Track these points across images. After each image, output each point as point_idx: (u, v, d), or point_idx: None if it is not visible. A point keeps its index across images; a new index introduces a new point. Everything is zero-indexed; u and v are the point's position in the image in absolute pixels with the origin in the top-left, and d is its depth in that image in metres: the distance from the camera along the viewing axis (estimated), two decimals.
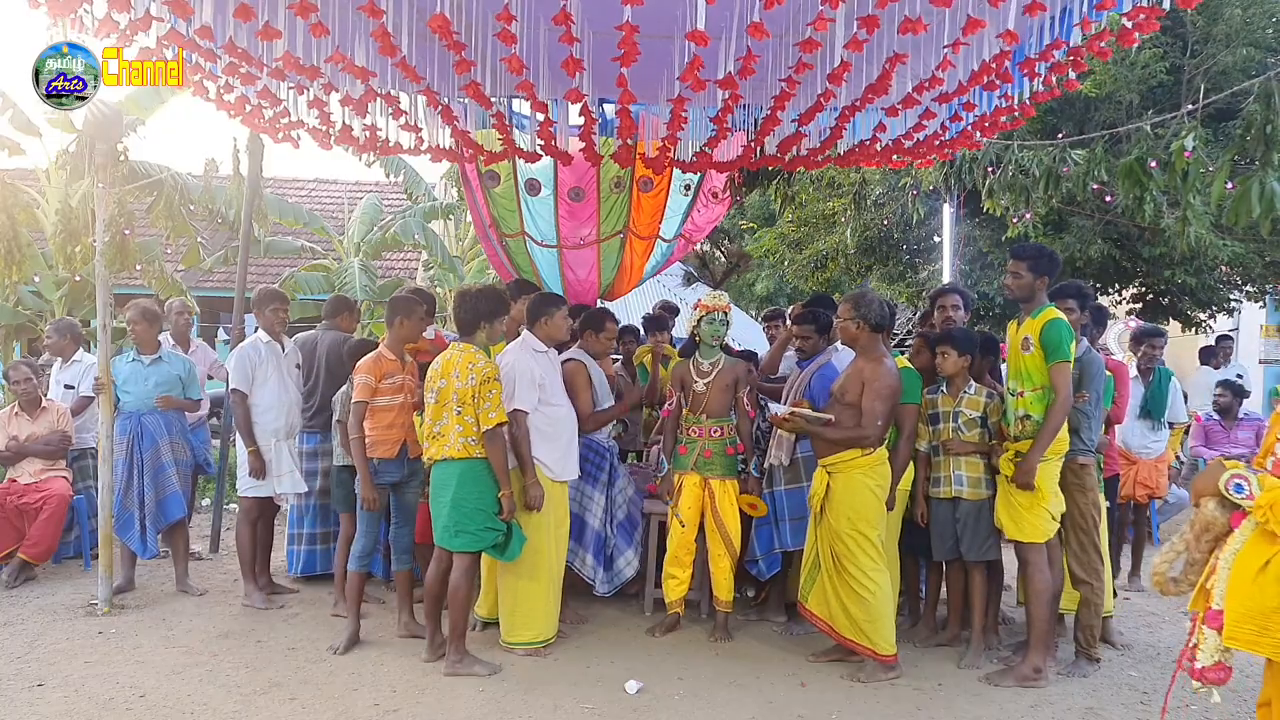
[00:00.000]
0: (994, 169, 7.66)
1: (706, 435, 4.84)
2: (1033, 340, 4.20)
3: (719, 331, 4.87)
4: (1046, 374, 4.17)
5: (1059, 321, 4.17)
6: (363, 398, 4.54)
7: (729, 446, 4.85)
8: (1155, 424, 6.17)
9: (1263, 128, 4.82)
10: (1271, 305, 14.43)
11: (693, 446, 4.84)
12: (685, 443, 4.87)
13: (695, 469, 4.83)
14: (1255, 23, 9.19)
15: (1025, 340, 4.24)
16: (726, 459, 4.84)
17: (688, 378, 4.89)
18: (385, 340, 4.75)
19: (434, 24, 3.59)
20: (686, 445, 4.86)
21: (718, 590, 4.86)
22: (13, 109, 9.54)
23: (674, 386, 4.97)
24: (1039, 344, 4.17)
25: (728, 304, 4.94)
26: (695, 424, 4.85)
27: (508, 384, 4.46)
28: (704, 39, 3.52)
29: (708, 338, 4.84)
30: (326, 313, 5.99)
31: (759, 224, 15.31)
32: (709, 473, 4.82)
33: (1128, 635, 4.99)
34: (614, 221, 7.17)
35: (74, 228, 9.99)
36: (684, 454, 4.86)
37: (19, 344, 11.62)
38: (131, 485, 5.51)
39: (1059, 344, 4.13)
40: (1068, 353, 4.15)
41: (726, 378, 4.82)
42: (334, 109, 5.18)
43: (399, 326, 4.72)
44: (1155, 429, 6.18)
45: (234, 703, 3.93)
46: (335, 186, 19.11)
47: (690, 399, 4.87)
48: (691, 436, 4.86)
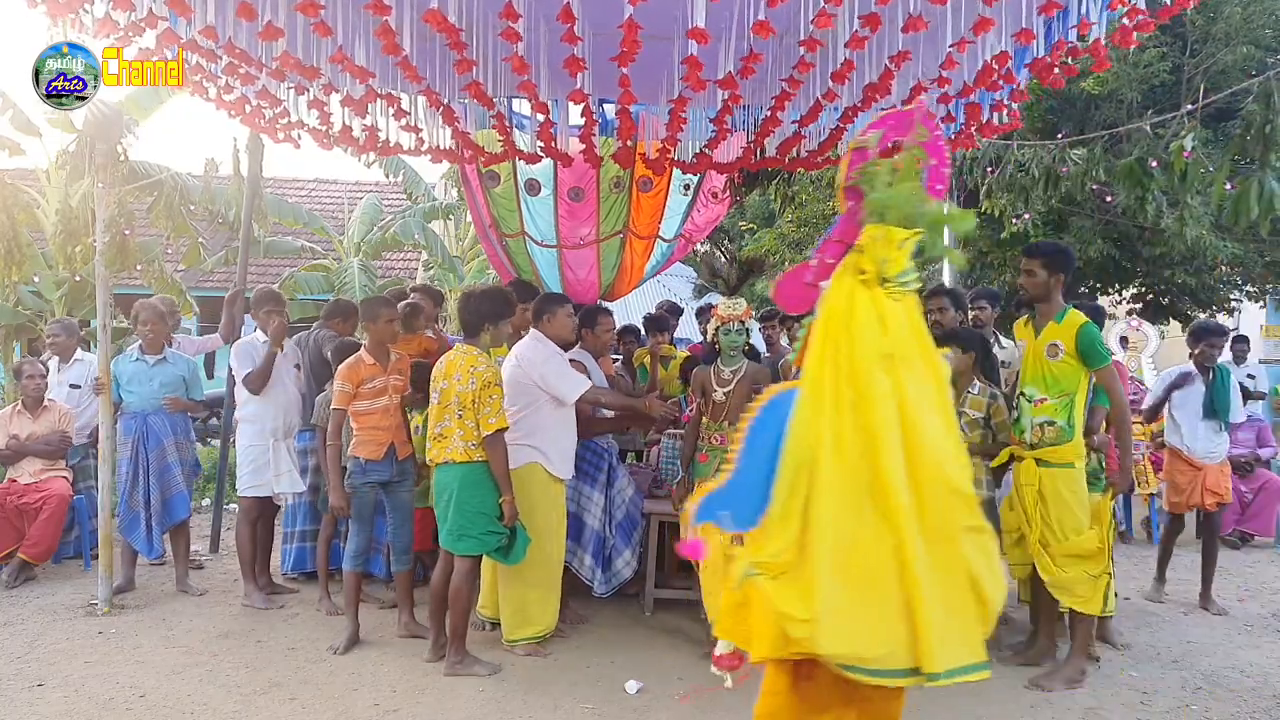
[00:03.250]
0: (993, 169, 7.66)
1: (729, 443, 4.73)
2: (1064, 347, 4.16)
3: (737, 341, 4.68)
4: (1076, 380, 4.17)
5: (1091, 326, 4.17)
6: (340, 405, 4.55)
7: None
8: (1221, 425, 5.78)
9: (1262, 127, 4.82)
10: (1271, 305, 14.42)
11: (715, 454, 4.62)
12: (706, 451, 4.69)
13: (716, 477, 4.72)
14: (1255, 21, 9.20)
15: (1053, 346, 4.19)
16: None
17: (709, 385, 4.73)
18: (365, 344, 4.78)
19: (430, 18, 3.58)
20: (708, 454, 4.67)
21: None
22: (13, 109, 9.53)
23: (694, 393, 4.82)
24: (1074, 351, 4.14)
25: (745, 310, 4.72)
26: (717, 431, 4.66)
27: (559, 381, 4.50)
28: (704, 37, 3.52)
29: (727, 348, 4.68)
30: (325, 314, 6.01)
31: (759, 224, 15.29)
32: None
33: (1127, 635, 4.99)
34: (614, 221, 7.18)
35: (74, 228, 9.99)
36: (705, 462, 4.66)
37: (19, 344, 11.61)
38: (137, 485, 5.51)
39: (1096, 348, 4.14)
40: (1108, 354, 4.20)
41: (747, 385, 4.62)
42: (334, 109, 5.19)
43: (370, 330, 4.76)
44: (1219, 430, 5.78)
45: (234, 703, 3.93)
46: (335, 186, 19.11)
47: (711, 407, 4.71)
48: (713, 445, 4.66)
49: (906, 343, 2.39)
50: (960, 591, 2.29)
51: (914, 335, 2.42)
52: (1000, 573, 2.42)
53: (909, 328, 2.41)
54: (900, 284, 2.42)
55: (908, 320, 2.42)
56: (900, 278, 2.41)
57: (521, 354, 4.63)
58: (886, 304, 2.40)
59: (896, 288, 2.41)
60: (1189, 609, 5.66)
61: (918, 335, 2.43)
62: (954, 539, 2.31)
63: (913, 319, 2.44)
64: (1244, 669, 4.57)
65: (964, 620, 2.29)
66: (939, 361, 2.45)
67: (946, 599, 2.25)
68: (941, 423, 2.37)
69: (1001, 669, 4.44)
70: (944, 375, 2.45)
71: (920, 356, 2.41)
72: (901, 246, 2.42)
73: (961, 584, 2.29)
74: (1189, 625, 5.33)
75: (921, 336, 2.44)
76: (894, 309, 2.40)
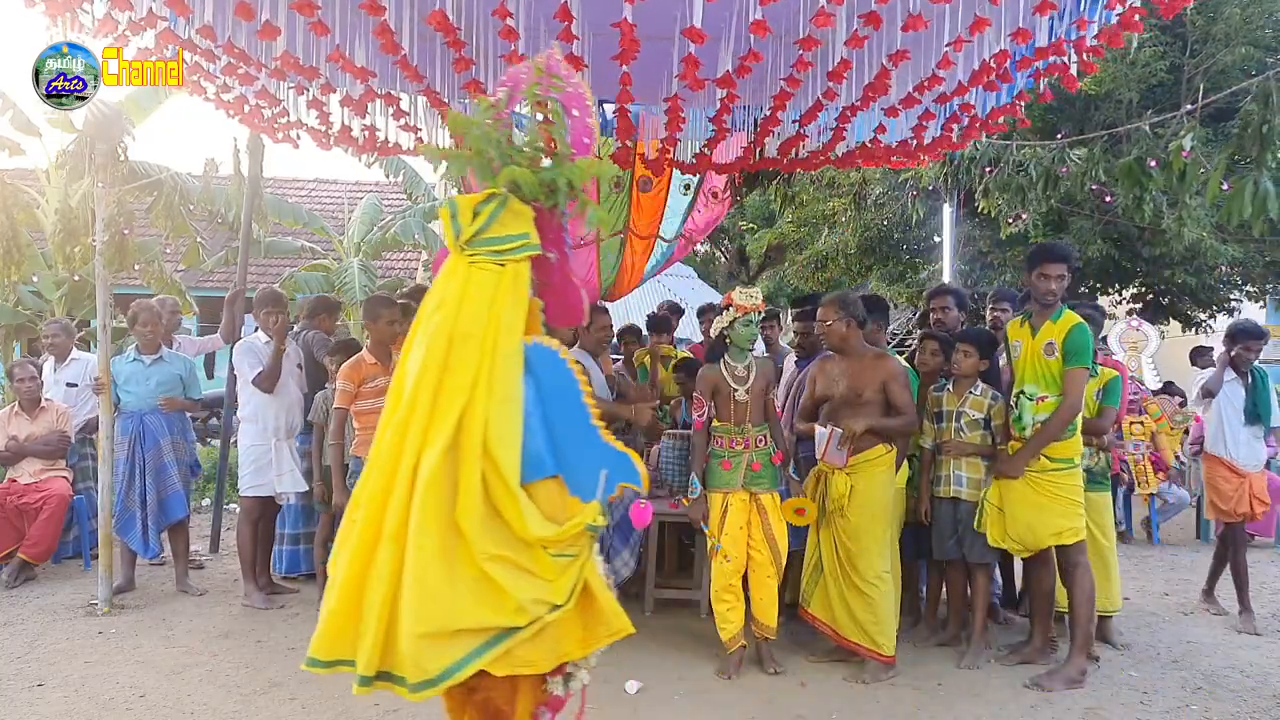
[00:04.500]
0: (992, 169, 7.66)
1: (752, 446, 4.32)
2: (1057, 345, 4.20)
3: (754, 334, 4.35)
4: None
5: (1084, 327, 4.21)
6: (342, 404, 4.56)
7: (772, 455, 4.37)
8: (1263, 430, 5.53)
9: (1259, 127, 4.82)
10: (1271, 305, 14.44)
11: (738, 461, 4.30)
12: (728, 457, 4.31)
13: (744, 486, 4.30)
14: (1254, 22, 9.21)
15: (1049, 345, 4.23)
16: (773, 469, 4.37)
17: (723, 386, 4.32)
18: (367, 344, 4.79)
19: (431, 19, 3.59)
20: (730, 460, 4.30)
21: (762, 614, 4.32)
22: (13, 109, 9.54)
23: (703, 395, 4.37)
24: (1062, 347, 4.18)
25: (763, 303, 4.41)
26: (738, 435, 4.31)
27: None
28: (701, 37, 3.52)
29: (743, 341, 4.31)
30: (307, 313, 6.01)
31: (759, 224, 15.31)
32: (758, 487, 4.30)
33: (1128, 635, 4.99)
34: (614, 221, 7.18)
35: (73, 228, 9.99)
36: (728, 470, 4.30)
37: (19, 344, 11.61)
38: (133, 485, 5.50)
39: (1083, 350, 4.17)
40: (1088, 360, 4.21)
41: (763, 381, 4.36)
42: (333, 109, 5.18)
43: (371, 330, 4.78)
44: (1258, 436, 5.52)
45: (234, 703, 3.93)
46: (335, 186, 19.10)
47: (729, 409, 4.32)
48: (735, 450, 4.31)
49: (474, 319, 2.22)
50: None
51: (492, 310, 2.24)
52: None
53: (485, 302, 2.23)
54: (493, 251, 2.26)
55: (492, 293, 2.24)
56: (481, 244, 2.26)
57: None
58: (470, 276, 2.24)
59: (485, 257, 2.26)
60: (1189, 609, 5.67)
61: (498, 310, 2.24)
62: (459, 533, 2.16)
63: (500, 291, 2.26)
64: (1244, 669, 4.57)
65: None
66: (513, 342, 2.26)
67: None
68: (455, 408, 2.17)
69: (1001, 669, 4.45)
70: (507, 356, 2.24)
71: (489, 333, 2.22)
72: (479, 211, 2.27)
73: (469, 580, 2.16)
74: (1189, 625, 5.33)
75: (504, 311, 2.25)
76: (478, 279, 2.24)
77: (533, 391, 2.28)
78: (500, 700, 2.32)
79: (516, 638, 2.15)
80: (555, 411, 2.31)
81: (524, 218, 2.32)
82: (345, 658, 2.16)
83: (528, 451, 2.23)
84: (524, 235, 2.30)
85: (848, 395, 4.33)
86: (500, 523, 2.19)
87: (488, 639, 2.13)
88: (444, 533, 2.13)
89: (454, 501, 2.15)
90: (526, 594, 2.16)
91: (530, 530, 2.18)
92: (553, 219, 2.41)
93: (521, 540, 2.19)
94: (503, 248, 2.27)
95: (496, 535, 2.17)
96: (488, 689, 2.28)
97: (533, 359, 2.31)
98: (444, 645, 2.09)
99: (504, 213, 2.29)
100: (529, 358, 2.30)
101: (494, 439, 2.18)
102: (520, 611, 2.14)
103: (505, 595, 2.13)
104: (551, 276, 2.47)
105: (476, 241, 2.27)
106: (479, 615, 2.12)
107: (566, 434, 2.31)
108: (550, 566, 2.22)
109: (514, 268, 2.28)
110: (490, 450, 2.17)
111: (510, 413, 2.22)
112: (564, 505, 2.28)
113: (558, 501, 2.28)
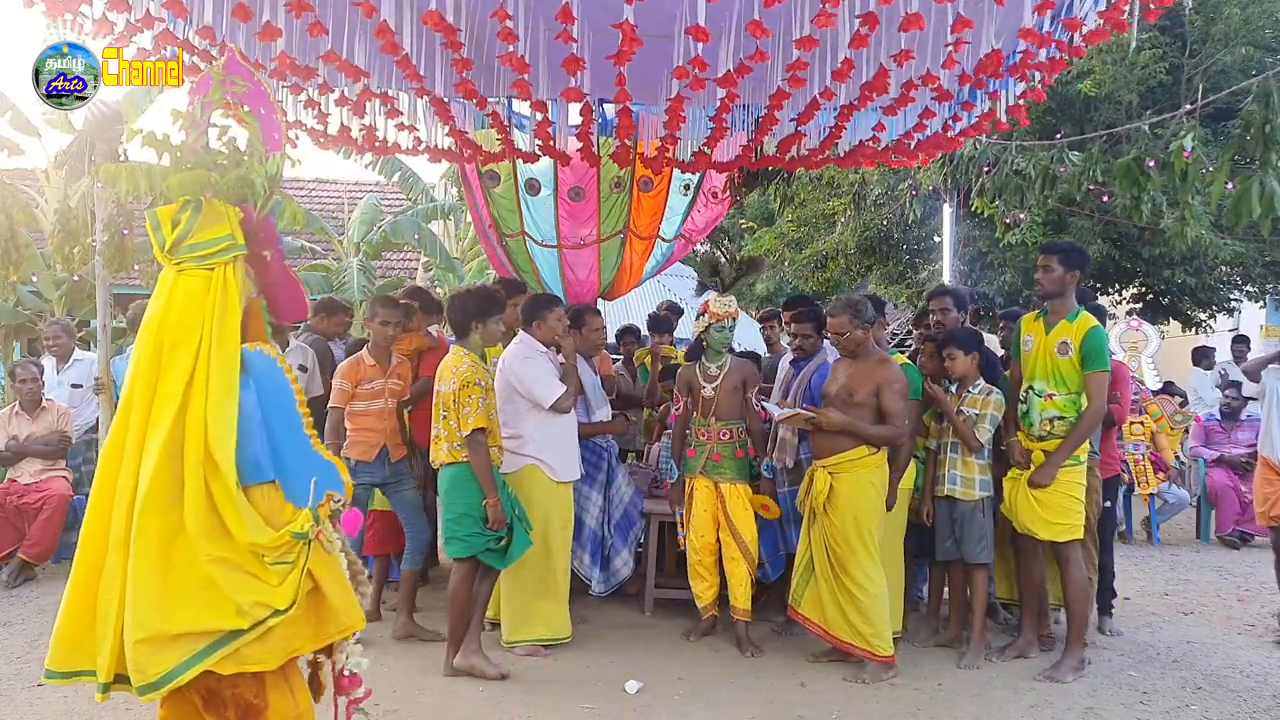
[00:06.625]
0: (990, 169, 7.66)
1: (715, 438, 4.72)
2: (1072, 345, 4.21)
3: (727, 339, 4.83)
4: (1084, 379, 4.21)
5: (1100, 330, 4.22)
6: (337, 403, 4.55)
7: (739, 449, 4.75)
8: None
9: (1261, 127, 4.82)
10: (1271, 305, 14.43)
11: (701, 449, 4.75)
12: (693, 445, 4.78)
13: (704, 473, 4.73)
14: (1254, 22, 9.21)
15: (1064, 344, 4.24)
16: (736, 462, 4.74)
17: (695, 382, 4.80)
18: (368, 345, 4.79)
19: (428, 19, 3.59)
20: (695, 448, 4.77)
21: (735, 599, 4.66)
22: (12, 110, 9.54)
23: (680, 391, 4.90)
24: (1079, 351, 4.18)
25: (736, 311, 4.86)
26: (704, 427, 4.75)
27: (534, 384, 4.43)
28: (704, 35, 3.52)
29: (716, 345, 4.78)
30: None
31: (759, 224, 15.31)
32: (718, 476, 4.71)
33: (1128, 635, 4.99)
34: (614, 221, 7.18)
35: (73, 228, 9.97)
36: (692, 457, 4.77)
37: (19, 344, 11.61)
38: None
39: (1100, 352, 4.19)
40: (1107, 362, 4.23)
41: (734, 379, 4.74)
42: (331, 109, 5.18)
43: (372, 330, 4.76)
44: None
45: None
46: (335, 186, 19.07)
47: (699, 403, 4.78)
48: (700, 440, 4.76)
49: (182, 326, 2.29)
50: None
51: (203, 315, 2.30)
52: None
53: (195, 307, 2.30)
54: (198, 257, 2.31)
55: (201, 298, 2.30)
56: (184, 251, 2.32)
57: (505, 354, 4.61)
58: (178, 283, 2.31)
59: (191, 264, 2.31)
60: (1189, 609, 5.67)
61: (208, 313, 2.30)
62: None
63: (210, 296, 2.31)
64: (1244, 669, 4.57)
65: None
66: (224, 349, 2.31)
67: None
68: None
69: (1001, 669, 4.45)
70: (223, 359, 2.30)
71: (203, 338, 2.29)
72: (177, 220, 2.33)
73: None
74: (1189, 625, 5.33)
75: (214, 314, 2.31)
76: (185, 286, 2.30)
77: (253, 395, 2.35)
78: (249, 695, 2.36)
79: (241, 640, 2.22)
80: (272, 418, 2.38)
81: (225, 220, 2.37)
82: (84, 668, 2.26)
83: (246, 455, 2.30)
84: (227, 237, 2.36)
85: (840, 394, 4.36)
86: (224, 525, 2.25)
87: (210, 642, 2.20)
88: (164, 538, 2.21)
89: (180, 505, 2.22)
90: (247, 596, 2.22)
91: (246, 534, 2.24)
92: (263, 219, 2.49)
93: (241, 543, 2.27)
94: (206, 252, 2.34)
95: (220, 538, 2.24)
96: (234, 685, 2.33)
97: (251, 364, 2.38)
98: (164, 649, 2.18)
99: (200, 218, 2.36)
100: (248, 362, 2.37)
101: (213, 439, 2.25)
102: (241, 614, 2.21)
103: (225, 598, 2.20)
104: (270, 274, 2.54)
105: (179, 249, 2.34)
106: (199, 619, 2.19)
107: (283, 440, 2.38)
108: (270, 571, 2.28)
109: (223, 271, 2.35)
110: (211, 451, 2.24)
111: (227, 414, 2.28)
112: (281, 511, 2.35)
113: (275, 507, 2.35)
